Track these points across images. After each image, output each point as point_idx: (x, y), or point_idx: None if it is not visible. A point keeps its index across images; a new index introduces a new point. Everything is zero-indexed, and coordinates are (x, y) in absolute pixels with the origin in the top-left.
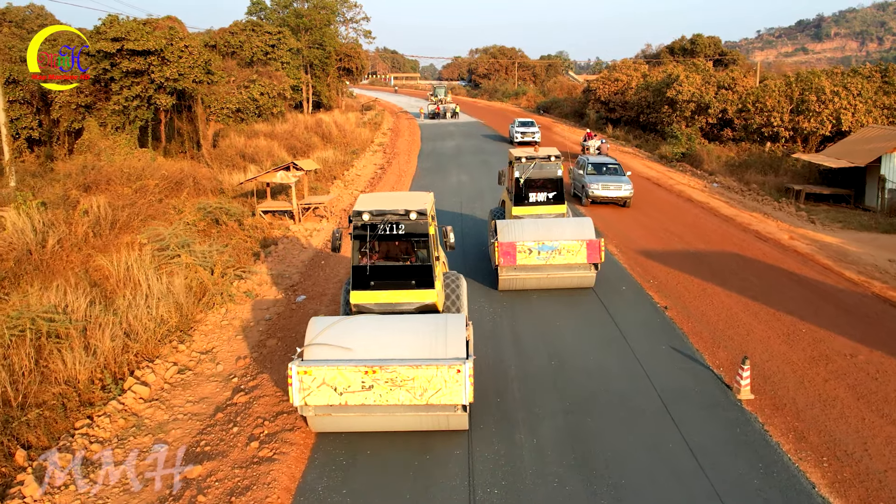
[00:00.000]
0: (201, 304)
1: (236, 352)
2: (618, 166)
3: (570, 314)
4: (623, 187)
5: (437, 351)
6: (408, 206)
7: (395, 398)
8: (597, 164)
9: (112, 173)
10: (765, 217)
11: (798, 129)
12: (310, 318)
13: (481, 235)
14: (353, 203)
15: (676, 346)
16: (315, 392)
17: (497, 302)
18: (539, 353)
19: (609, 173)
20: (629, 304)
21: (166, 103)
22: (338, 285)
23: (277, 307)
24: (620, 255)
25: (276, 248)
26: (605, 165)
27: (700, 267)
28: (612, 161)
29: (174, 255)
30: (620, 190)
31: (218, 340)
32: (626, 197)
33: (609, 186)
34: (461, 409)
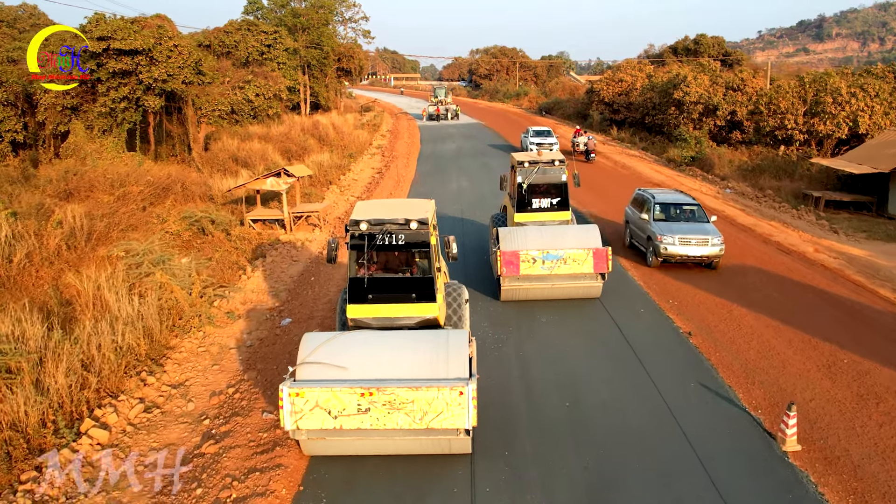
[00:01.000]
0: (177, 328)
1: (211, 385)
2: (696, 207)
3: (582, 341)
4: (711, 240)
5: (439, 370)
6: (408, 214)
7: (393, 422)
8: (665, 205)
9: (95, 179)
10: (784, 226)
11: (813, 132)
12: (293, 342)
13: (482, 241)
14: (349, 210)
15: (705, 382)
16: (308, 415)
17: (500, 320)
18: (550, 391)
19: (686, 219)
20: (648, 330)
21: (155, 105)
22: (327, 306)
23: (261, 331)
24: (634, 271)
25: (263, 261)
26: (678, 206)
27: (722, 284)
28: (690, 200)
29: (148, 273)
30: (707, 246)
31: (192, 371)
32: (714, 256)
33: (689, 240)
34: (464, 433)
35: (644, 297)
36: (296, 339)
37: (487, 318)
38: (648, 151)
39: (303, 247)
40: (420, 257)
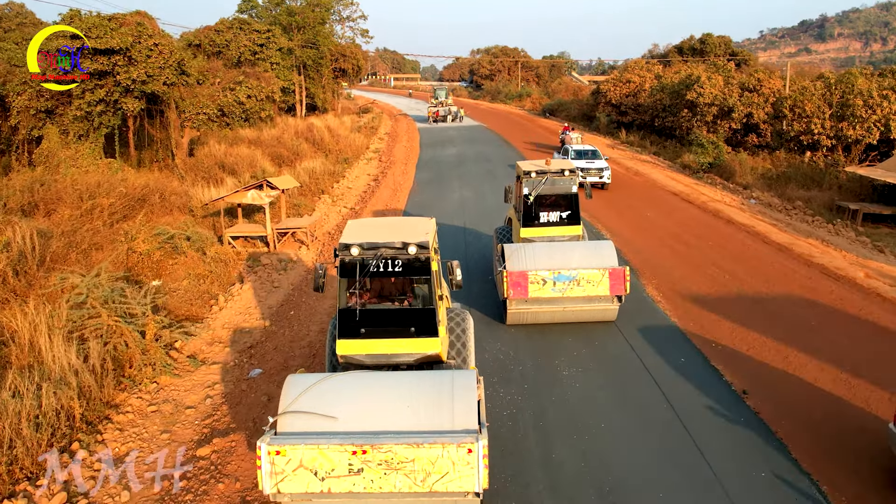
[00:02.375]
0: (125, 380)
1: (157, 463)
2: None
3: (615, 404)
4: None
5: (443, 420)
6: (405, 237)
7: (390, 485)
8: None
9: (62, 190)
10: (824, 245)
11: (841, 137)
12: (261, 403)
13: (487, 262)
14: (341, 225)
15: (779, 471)
16: (290, 477)
17: (507, 366)
18: (581, 483)
19: None
20: (695, 389)
21: (134, 108)
22: (306, 350)
23: (226, 383)
24: (666, 303)
25: (240, 286)
26: None
27: (770, 320)
28: None
29: (92, 315)
30: None
31: (136, 440)
32: None
33: None
34: (473, 495)
35: (681, 340)
36: (262, 397)
37: (492, 355)
38: (660, 156)
39: (286, 269)
40: (419, 285)
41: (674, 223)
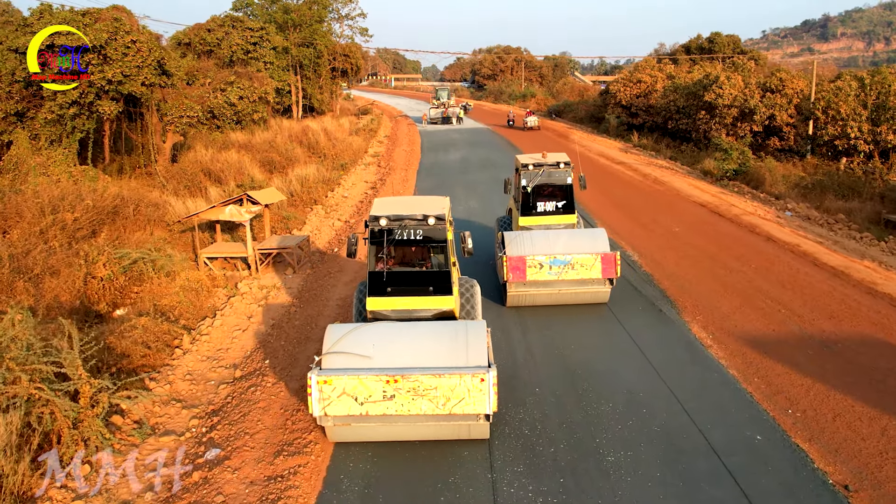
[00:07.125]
0: (46, 463)
1: None
2: None
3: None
4: None
5: (459, 359)
6: (426, 210)
7: (417, 408)
8: None
9: (22, 203)
10: (885, 269)
11: (879, 142)
12: (217, 490)
13: (493, 277)
14: (333, 240)
15: None
16: (335, 402)
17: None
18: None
19: None
20: (782, 488)
21: (110, 111)
22: (280, 416)
23: (180, 462)
24: (718, 349)
25: (212, 322)
26: None
27: (846, 371)
28: None
29: (10, 377)
30: None
31: None
32: None
33: None
34: (483, 418)
35: (748, 402)
36: (226, 487)
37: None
38: (678, 161)
39: (266, 299)
40: (437, 252)
41: (706, 240)
